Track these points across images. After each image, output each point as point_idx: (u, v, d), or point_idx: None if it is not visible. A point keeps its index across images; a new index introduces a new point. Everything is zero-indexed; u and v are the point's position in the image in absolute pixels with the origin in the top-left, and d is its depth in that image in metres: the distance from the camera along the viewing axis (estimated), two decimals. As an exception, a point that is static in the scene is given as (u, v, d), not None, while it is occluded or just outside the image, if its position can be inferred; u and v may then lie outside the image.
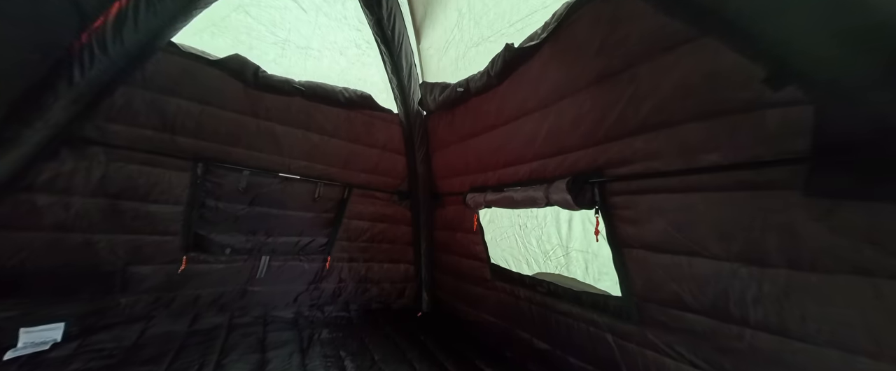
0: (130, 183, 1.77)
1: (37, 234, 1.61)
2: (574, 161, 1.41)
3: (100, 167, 1.68)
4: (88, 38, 1.34)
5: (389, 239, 2.86)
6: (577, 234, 1.63)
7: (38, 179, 1.55)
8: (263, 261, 2.30)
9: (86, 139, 1.63)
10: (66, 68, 1.36)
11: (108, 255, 1.79)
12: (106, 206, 1.74)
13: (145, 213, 1.84)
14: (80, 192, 1.66)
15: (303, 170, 2.28)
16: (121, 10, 1.35)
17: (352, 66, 2.16)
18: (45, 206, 1.60)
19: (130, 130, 1.72)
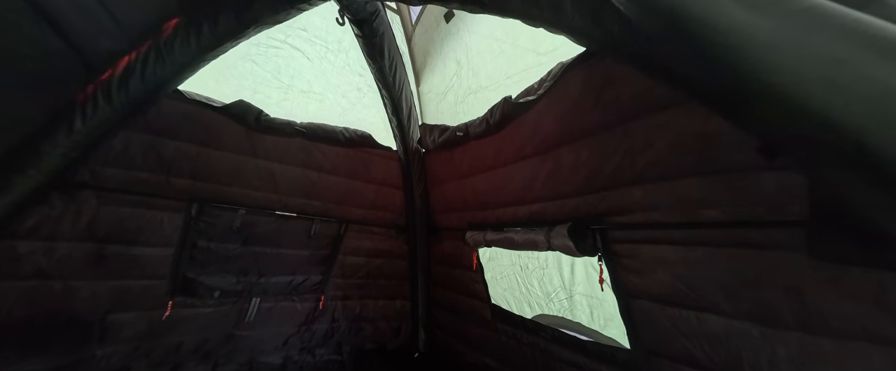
0: (120, 226, 1.72)
1: (14, 284, 1.52)
2: (574, 206, 1.43)
3: (90, 211, 1.64)
4: (94, 90, 1.36)
5: (386, 274, 2.79)
6: (579, 278, 1.62)
7: (24, 226, 1.49)
8: (253, 303, 2.20)
9: (78, 184, 1.60)
10: (67, 117, 1.36)
11: (89, 303, 1.69)
12: (92, 250, 1.67)
13: (132, 256, 1.77)
14: (66, 238, 1.60)
15: (300, 207, 2.26)
16: (129, 63, 1.38)
17: (353, 107, 2.22)
18: (26, 253, 1.53)
19: (126, 173, 1.70)
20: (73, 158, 1.48)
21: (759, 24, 0.29)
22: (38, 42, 1.07)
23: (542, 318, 1.91)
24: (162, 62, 1.42)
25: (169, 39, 1.41)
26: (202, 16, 1.41)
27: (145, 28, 1.37)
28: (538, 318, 1.92)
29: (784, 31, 0.28)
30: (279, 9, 1.42)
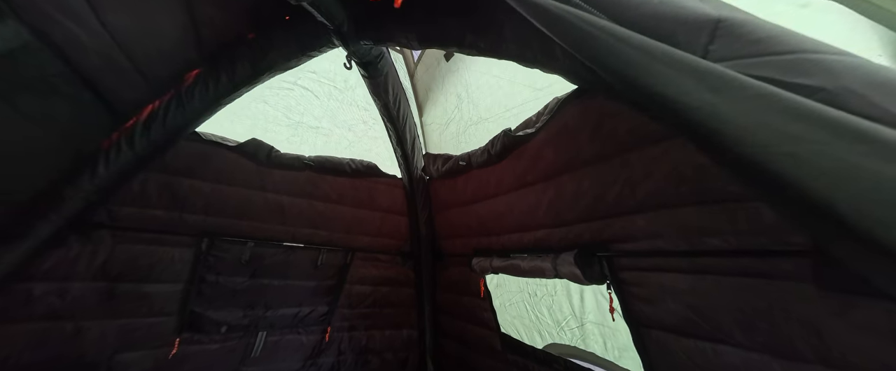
0: (133, 264, 1.75)
1: (26, 326, 1.54)
2: (579, 233, 1.45)
3: (105, 251, 1.68)
4: (118, 136, 1.45)
5: (392, 302, 2.76)
6: (590, 306, 1.60)
7: (41, 268, 1.53)
8: (260, 337, 2.17)
9: (95, 224, 1.65)
10: (91, 163, 1.44)
11: (97, 343, 1.69)
12: (104, 289, 1.69)
13: (143, 294, 1.79)
14: (80, 278, 1.63)
15: (307, 237, 2.29)
16: (152, 110, 1.48)
17: (359, 140, 2.31)
18: (41, 295, 1.55)
19: (141, 212, 1.76)
20: (92, 202, 1.55)
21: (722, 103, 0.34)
22: (73, 99, 1.16)
23: (554, 348, 1.86)
24: (182, 109, 1.52)
25: (190, 88, 1.52)
26: (221, 66, 1.53)
27: (168, 79, 1.48)
28: (549, 348, 1.87)
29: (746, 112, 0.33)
30: (291, 57, 1.54)
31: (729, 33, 0.35)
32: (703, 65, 0.33)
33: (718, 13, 0.35)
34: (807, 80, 0.33)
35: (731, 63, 0.34)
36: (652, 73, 0.36)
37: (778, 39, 0.34)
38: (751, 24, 0.35)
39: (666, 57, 0.34)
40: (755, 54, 0.35)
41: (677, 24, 0.35)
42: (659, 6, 0.36)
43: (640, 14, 0.37)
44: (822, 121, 0.30)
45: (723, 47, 0.35)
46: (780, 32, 0.35)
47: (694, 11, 0.35)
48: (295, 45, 1.51)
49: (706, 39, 0.35)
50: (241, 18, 1.43)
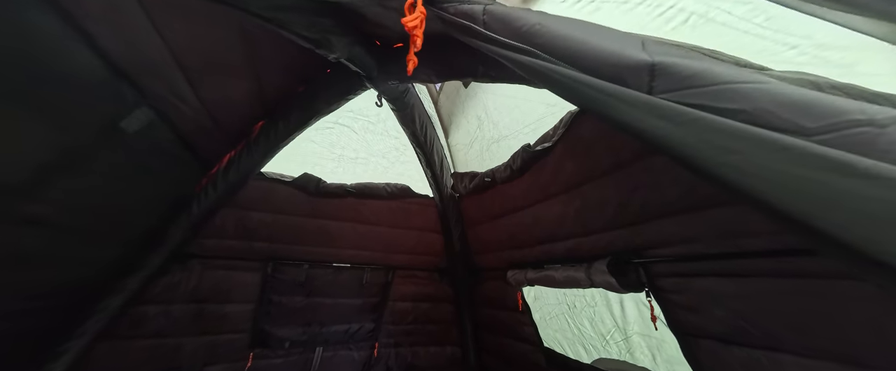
0: (216, 288, 2.08)
1: (140, 342, 1.89)
2: (610, 241, 1.45)
3: (196, 277, 2.02)
4: (206, 182, 1.80)
5: (433, 319, 2.85)
6: (632, 316, 1.55)
7: (153, 293, 1.90)
8: (317, 352, 2.38)
9: (189, 255, 2.01)
10: (187, 205, 1.80)
11: (190, 357, 2.00)
12: (194, 310, 2.02)
13: (223, 313, 2.10)
14: (178, 301, 1.97)
15: (352, 257, 2.51)
16: (230, 158, 1.82)
17: (392, 165, 2.54)
18: (152, 316, 1.91)
19: (220, 242, 2.10)
20: (188, 236, 1.91)
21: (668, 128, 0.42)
22: (177, 157, 1.51)
23: (602, 363, 1.79)
24: (251, 154, 1.85)
25: (256, 137, 1.85)
26: (279, 116, 1.84)
27: (240, 132, 1.83)
28: (598, 363, 1.80)
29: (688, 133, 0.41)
30: (332, 102, 1.81)
31: (664, 73, 0.44)
32: (648, 99, 0.43)
33: (652, 59, 0.44)
34: (730, 105, 0.41)
35: (670, 95, 0.43)
36: (611, 106, 0.46)
37: (702, 75, 0.43)
38: (679, 65, 0.43)
39: (620, 94, 0.43)
40: (687, 87, 0.44)
41: (623, 69, 0.44)
42: (606, 57, 0.46)
43: (592, 63, 0.47)
44: (746, 136, 0.38)
45: (661, 84, 0.44)
46: (704, 69, 0.43)
47: (634, 58, 0.44)
48: (335, 92, 1.79)
49: (648, 79, 0.44)
50: (293, 77, 1.74)
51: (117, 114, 1.10)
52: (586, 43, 0.46)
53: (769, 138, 0.37)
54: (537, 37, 0.51)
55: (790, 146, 0.36)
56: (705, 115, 0.40)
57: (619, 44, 0.45)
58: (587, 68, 0.46)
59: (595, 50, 0.45)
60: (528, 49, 0.51)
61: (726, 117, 0.39)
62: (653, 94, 0.43)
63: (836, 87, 0.42)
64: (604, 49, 0.45)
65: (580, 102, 0.52)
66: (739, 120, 0.39)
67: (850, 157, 0.34)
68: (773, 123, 0.38)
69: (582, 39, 0.47)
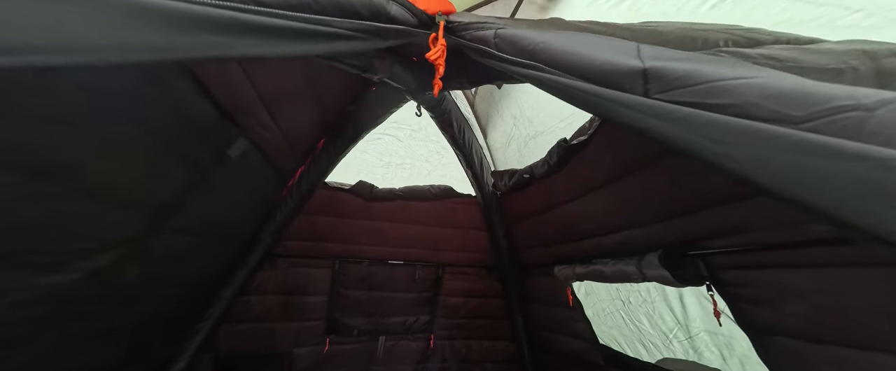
0: (296, 282, 2.47)
1: (246, 325, 2.35)
2: (661, 233, 1.38)
3: (282, 273, 2.44)
4: (285, 193, 2.17)
5: (484, 314, 2.94)
6: (694, 311, 1.45)
7: (252, 285, 2.35)
8: (381, 341, 2.66)
9: (275, 254, 2.43)
10: (273, 213, 2.19)
11: (282, 340, 2.42)
12: (283, 301, 2.44)
13: (304, 303, 2.48)
14: (271, 292, 2.40)
15: (404, 255, 2.74)
16: (301, 172, 2.17)
17: (435, 168, 2.71)
18: (253, 304, 2.36)
19: (298, 243, 2.49)
20: (274, 239, 2.32)
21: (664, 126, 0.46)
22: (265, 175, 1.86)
23: (668, 364, 1.68)
24: (316, 167, 2.18)
25: (319, 153, 2.17)
26: (336, 133, 2.14)
27: (308, 149, 2.16)
28: (663, 364, 1.70)
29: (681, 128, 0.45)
30: (378, 116, 2.04)
31: (655, 77, 0.47)
32: (645, 101, 0.47)
33: (643, 64, 0.48)
34: (720, 100, 0.44)
35: (664, 95, 0.47)
36: (612, 110, 0.51)
37: (691, 75, 0.45)
38: (668, 68, 0.46)
39: (619, 99, 0.48)
40: (678, 88, 0.47)
41: (620, 76, 0.49)
42: (603, 66, 0.51)
43: (592, 72, 0.52)
44: (736, 128, 0.40)
45: (655, 87, 0.47)
46: (693, 69, 0.45)
47: (628, 65, 0.49)
48: (380, 107, 2.01)
49: (643, 82, 0.48)
50: (344, 99, 2.00)
51: (225, 144, 1.43)
52: (585, 55, 0.52)
53: (756, 128, 0.39)
54: (541, 54, 0.58)
55: (776, 135, 0.39)
56: (696, 111, 0.43)
57: (614, 53, 0.49)
58: (587, 77, 0.52)
59: (593, 61, 0.51)
60: (535, 64, 0.58)
61: (717, 112, 0.42)
62: (649, 96, 0.47)
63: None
64: (600, 59, 0.50)
65: (584, 107, 0.57)
66: (729, 114, 0.41)
67: (836, 141, 0.35)
68: (761, 115, 0.41)
69: (580, 53, 0.52)
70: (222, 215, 1.68)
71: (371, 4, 0.56)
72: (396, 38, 0.68)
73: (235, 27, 0.38)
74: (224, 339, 2.26)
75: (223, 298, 2.16)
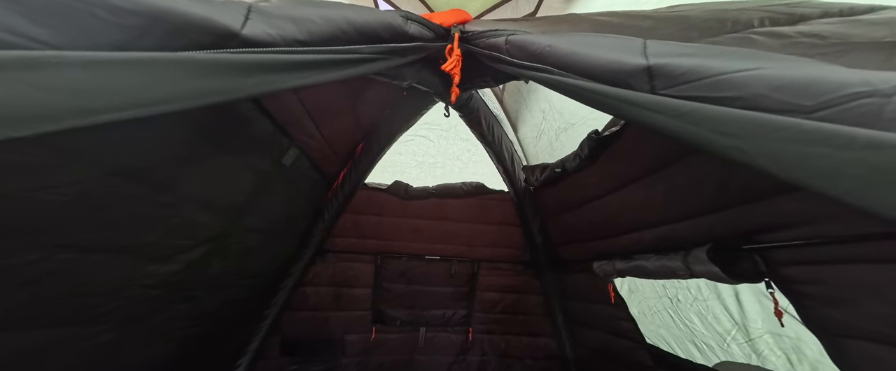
0: (344, 275, 2.72)
1: (304, 313, 2.65)
2: (710, 225, 1.27)
3: (332, 266, 2.70)
4: (331, 195, 2.40)
5: (522, 310, 2.93)
6: (753, 310, 1.32)
7: (307, 277, 2.64)
8: (422, 331, 2.80)
9: (325, 249, 2.70)
10: (321, 213, 2.44)
11: (335, 327, 2.68)
12: (334, 292, 2.70)
13: (352, 295, 2.72)
14: (323, 284, 2.68)
15: (440, 251, 2.85)
16: (343, 175, 2.38)
17: (466, 166, 2.77)
18: (309, 295, 2.65)
19: (344, 240, 2.73)
20: (324, 236, 2.58)
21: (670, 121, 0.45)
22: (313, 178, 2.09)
23: (726, 367, 1.55)
24: (357, 170, 2.37)
25: (358, 156, 2.36)
26: (372, 137, 2.31)
27: (348, 154, 2.36)
28: (721, 368, 1.57)
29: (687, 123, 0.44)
30: (410, 119, 2.15)
31: (660, 74, 0.47)
32: (651, 98, 0.47)
33: (647, 62, 0.48)
34: (726, 94, 0.43)
35: (671, 91, 0.47)
36: (619, 108, 0.52)
37: (695, 71, 0.44)
38: (672, 65, 0.46)
39: (625, 96, 0.49)
40: (683, 83, 0.47)
41: (626, 75, 0.50)
42: (609, 66, 0.52)
43: (599, 72, 0.52)
44: (743, 120, 0.39)
45: (661, 83, 0.47)
46: (697, 64, 0.44)
47: (633, 64, 0.49)
48: (411, 110, 2.12)
49: (648, 80, 0.48)
50: (378, 105, 2.15)
51: (280, 154, 1.65)
52: (590, 56, 0.53)
53: (765, 120, 0.39)
54: (549, 57, 0.60)
55: (786, 126, 0.38)
56: (703, 106, 0.43)
57: (619, 52, 0.50)
58: (595, 77, 0.53)
59: (599, 61, 0.52)
60: (544, 67, 0.61)
61: (725, 105, 0.41)
62: (656, 93, 0.47)
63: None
64: (606, 59, 0.51)
65: (594, 106, 0.58)
66: (737, 106, 0.40)
67: (849, 129, 0.34)
68: (769, 106, 0.40)
69: (586, 53, 0.53)
70: (280, 215, 1.93)
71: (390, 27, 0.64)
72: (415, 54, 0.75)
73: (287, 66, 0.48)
74: (287, 324, 2.58)
75: (284, 289, 2.47)
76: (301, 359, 2.57)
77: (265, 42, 0.45)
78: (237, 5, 0.46)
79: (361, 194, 2.66)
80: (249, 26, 0.44)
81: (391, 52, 0.66)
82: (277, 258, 2.27)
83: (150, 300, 1.20)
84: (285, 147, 1.66)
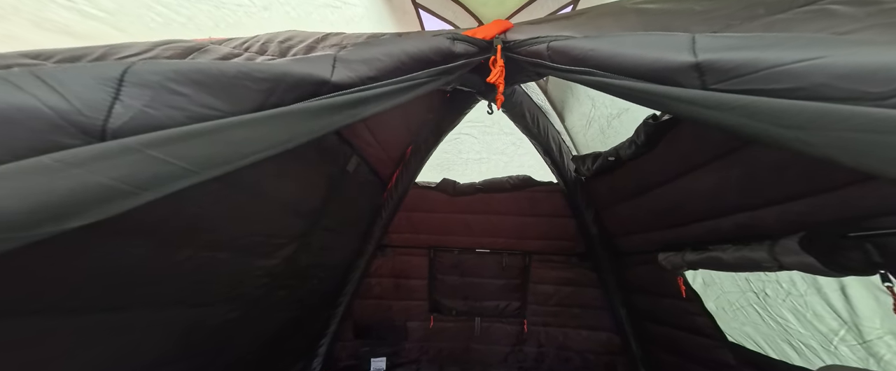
0: (402, 267, 2.96)
1: (371, 301, 2.96)
2: (802, 211, 1.12)
3: (391, 260, 2.96)
4: (386, 195, 2.63)
5: (579, 303, 2.85)
6: (866, 308, 1.12)
7: (371, 270, 2.94)
8: (477, 321, 2.92)
9: (384, 244, 2.97)
10: (379, 212, 2.69)
11: (397, 315, 2.95)
12: (394, 283, 2.96)
13: (410, 286, 2.95)
14: (385, 276, 2.96)
15: (490, 244, 2.91)
16: (397, 176, 2.59)
17: (512, 160, 2.77)
18: (373, 285, 2.95)
19: (400, 235, 2.96)
20: (383, 232, 2.84)
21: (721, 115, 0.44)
22: (371, 182, 2.32)
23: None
24: (407, 170, 2.56)
25: (408, 158, 2.53)
26: (420, 139, 2.46)
27: (400, 156, 2.56)
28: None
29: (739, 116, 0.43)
30: (455, 119, 2.24)
31: (710, 69, 0.46)
32: (702, 93, 0.46)
33: (695, 59, 0.46)
34: (784, 85, 0.41)
35: (723, 85, 0.45)
36: (668, 105, 0.51)
37: (748, 64, 0.42)
38: (723, 60, 0.44)
39: (675, 94, 0.49)
40: (735, 77, 0.45)
41: (674, 72, 0.49)
42: (656, 64, 0.51)
43: (645, 71, 0.52)
44: (809, 111, 0.37)
45: (712, 78, 0.46)
46: (750, 58, 0.42)
47: (680, 61, 0.48)
48: (456, 111, 2.21)
49: (698, 75, 0.47)
50: (425, 108, 2.28)
51: (345, 162, 1.87)
52: (635, 56, 0.53)
53: (829, 110, 0.36)
54: (592, 59, 0.60)
55: (853, 114, 0.36)
56: (759, 99, 0.41)
57: (664, 50, 0.49)
58: (640, 76, 0.53)
59: (644, 60, 0.52)
60: (587, 70, 0.62)
61: (784, 97, 0.40)
62: (706, 88, 0.46)
63: None
64: (651, 58, 0.50)
65: (641, 103, 0.58)
66: (798, 97, 0.39)
67: None
68: (833, 95, 0.38)
69: (630, 53, 0.54)
70: (347, 215, 2.20)
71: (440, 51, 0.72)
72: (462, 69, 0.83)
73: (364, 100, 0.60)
74: (357, 311, 2.92)
75: (352, 280, 2.79)
76: (371, 342, 2.89)
77: (348, 84, 0.58)
78: (326, 58, 0.59)
79: (413, 193, 2.85)
80: (336, 73, 0.57)
81: (442, 72, 0.74)
82: (346, 253, 2.58)
83: (260, 288, 1.50)
84: (348, 155, 1.89)
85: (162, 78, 0.43)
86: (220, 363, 1.42)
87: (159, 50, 0.68)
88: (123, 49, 0.66)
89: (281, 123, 0.51)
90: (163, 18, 0.87)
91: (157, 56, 0.66)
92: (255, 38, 0.84)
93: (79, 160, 0.35)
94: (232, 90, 0.47)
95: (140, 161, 0.39)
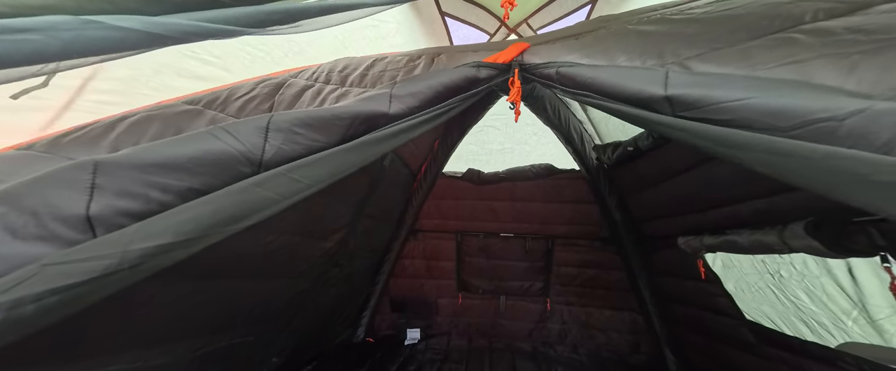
0: (432, 250, 3.24)
1: (405, 280, 3.30)
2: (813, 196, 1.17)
3: (422, 243, 3.25)
4: (416, 184, 2.89)
5: (603, 285, 2.98)
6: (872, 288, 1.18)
7: (404, 252, 3.26)
8: (502, 299, 3.17)
9: (416, 229, 3.26)
10: (410, 200, 2.96)
11: (430, 292, 3.27)
12: (426, 264, 3.27)
13: (440, 266, 3.24)
14: (417, 257, 3.26)
15: (514, 229, 3.09)
16: (425, 167, 2.82)
17: (534, 149, 2.88)
18: (408, 266, 3.29)
19: (430, 221, 3.23)
20: (414, 218, 3.12)
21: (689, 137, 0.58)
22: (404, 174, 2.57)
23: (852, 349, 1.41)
24: (435, 162, 2.77)
25: (436, 151, 2.74)
26: (447, 133, 2.65)
27: (428, 149, 2.78)
28: (846, 349, 1.43)
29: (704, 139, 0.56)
30: (479, 114, 2.39)
31: (676, 101, 0.60)
32: (672, 119, 0.61)
33: (666, 92, 0.60)
34: (725, 117, 0.56)
35: (687, 113, 0.60)
36: (651, 125, 0.66)
37: (703, 99, 0.57)
38: (685, 95, 0.58)
39: (654, 118, 0.63)
40: (693, 108, 0.59)
41: (652, 102, 0.63)
42: (639, 93, 0.66)
43: (632, 99, 0.66)
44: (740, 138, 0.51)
45: (678, 108, 0.60)
46: (704, 94, 0.56)
47: (656, 94, 0.62)
48: (479, 107, 2.36)
49: (668, 105, 0.61)
50: (450, 105, 2.46)
51: (382, 157, 2.13)
52: (625, 86, 0.68)
53: (752, 138, 0.51)
54: (592, 86, 0.75)
55: (767, 142, 0.51)
56: (709, 126, 0.56)
57: (646, 84, 0.64)
58: (629, 103, 0.68)
59: (631, 90, 0.67)
60: (587, 94, 0.77)
61: (726, 126, 0.54)
62: (675, 115, 0.61)
63: None
64: (637, 89, 0.65)
65: (631, 122, 0.72)
66: (734, 127, 0.53)
67: (810, 145, 0.46)
68: (757, 127, 0.52)
69: (622, 84, 0.68)
70: (385, 204, 2.49)
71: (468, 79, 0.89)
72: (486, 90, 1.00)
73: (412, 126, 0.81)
74: (393, 288, 3.28)
75: (389, 260, 3.13)
76: (407, 315, 3.26)
77: (401, 114, 0.78)
78: (383, 96, 0.80)
79: (441, 182, 3.08)
80: (392, 107, 0.78)
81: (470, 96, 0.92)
82: (384, 237, 2.90)
83: (320, 265, 1.84)
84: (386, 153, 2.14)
85: (289, 124, 0.66)
86: (294, 325, 1.79)
87: (260, 88, 0.93)
88: (238, 89, 0.92)
89: (360, 150, 0.73)
90: (251, 56, 1.13)
91: (259, 93, 0.92)
92: (319, 68, 1.07)
93: (259, 183, 0.60)
94: (328, 128, 0.69)
95: (285, 181, 0.63)
